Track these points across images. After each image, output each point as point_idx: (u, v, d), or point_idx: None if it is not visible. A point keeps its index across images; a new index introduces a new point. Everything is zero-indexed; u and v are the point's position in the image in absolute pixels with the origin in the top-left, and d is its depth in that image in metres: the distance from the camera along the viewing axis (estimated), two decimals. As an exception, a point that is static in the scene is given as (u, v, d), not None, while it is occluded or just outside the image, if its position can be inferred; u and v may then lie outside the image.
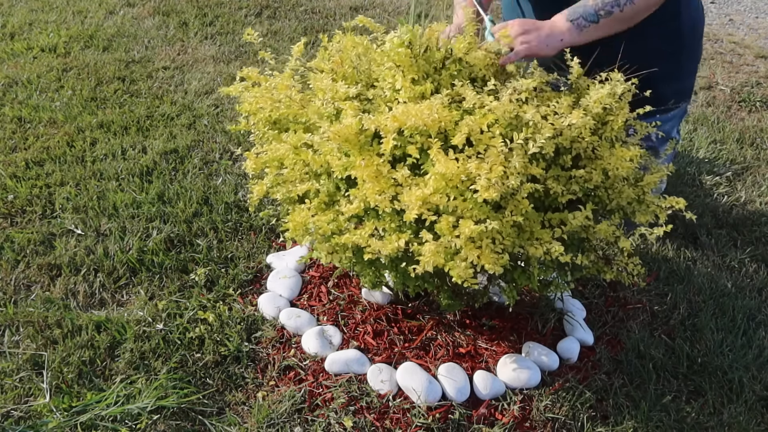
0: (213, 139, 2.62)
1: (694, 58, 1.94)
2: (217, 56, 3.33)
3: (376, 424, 1.53)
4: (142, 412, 1.53)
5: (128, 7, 3.91)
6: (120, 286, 1.91)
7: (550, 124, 1.33)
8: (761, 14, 4.24)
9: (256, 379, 1.65)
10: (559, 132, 1.35)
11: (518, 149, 1.31)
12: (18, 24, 3.64)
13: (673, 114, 1.88)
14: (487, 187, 1.24)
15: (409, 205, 1.29)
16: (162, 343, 1.71)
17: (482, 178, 1.25)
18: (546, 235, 1.36)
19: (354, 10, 4.04)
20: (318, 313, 1.82)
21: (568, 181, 1.40)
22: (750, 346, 1.76)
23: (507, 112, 1.33)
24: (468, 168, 1.27)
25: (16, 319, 1.77)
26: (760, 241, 2.18)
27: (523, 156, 1.30)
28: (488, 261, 1.27)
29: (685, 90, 1.92)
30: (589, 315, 1.85)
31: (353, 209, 1.35)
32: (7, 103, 2.82)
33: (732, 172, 2.52)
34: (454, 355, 1.70)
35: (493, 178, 1.25)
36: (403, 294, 1.84)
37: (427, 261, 1.28)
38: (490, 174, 1.25)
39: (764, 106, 3.05)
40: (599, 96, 1.39)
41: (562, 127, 1.35)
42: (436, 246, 1.27)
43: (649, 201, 1.45)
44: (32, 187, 2.29)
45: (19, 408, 1.54)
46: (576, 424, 1.55)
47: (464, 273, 1.28)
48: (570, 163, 1.40)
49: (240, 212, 2.20)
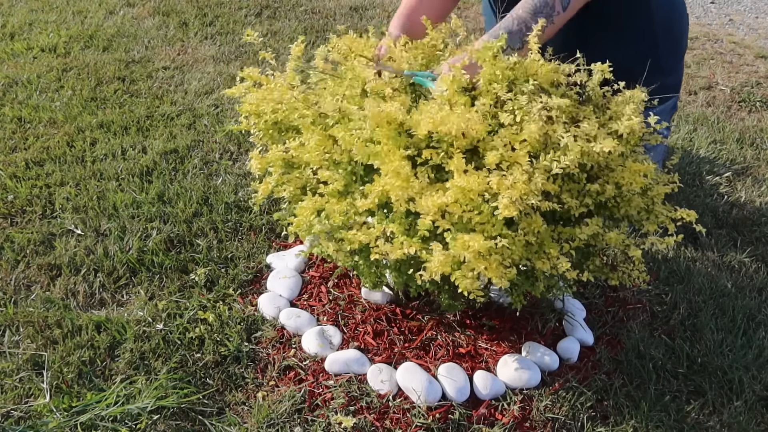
0: (213, 139, 2.62)
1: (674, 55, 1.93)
2: (217, 56, 3.33)
3: (376, 424, 1.53)
4: (142, 412, 1.53)
5: (128, 7, 3.91)
6: (120, 286, 1.91)
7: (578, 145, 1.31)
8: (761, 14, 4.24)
9: (256, 379, 1.65)
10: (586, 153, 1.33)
11: (541, 169, 1.30)
12: (18, 24, 3.64)
13: (660, 109, 1.87)
14: (508, 205, 1.23)
15: (425, 210, 1.28)
16: (162, 343, 1.71)
17: (505, 198, 1.23)
18: (554, 250, 1.35)
19: (354, 10, 4.04)
20: (318, 313, 1.82)
21: (580, 194, 1.40)
22: (750, 346, 1.76)
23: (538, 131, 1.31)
24: (489, 183, 1.26)
25: (16, 319, 1.77)
26: (760, 241, 2.18)
27: (545, 175, 1.29)
28: (495, 275, 1.26)
29: (668, 86, 1.91)
30: (589, 315, 1.85)
31: (368, 204, 1.34)
32: (7, 103, 2.82)
33: (732, 172, 2.52)
34: (454, 355, 1.70)
35: (515, 196, 1.24)
36: (403, 294, 1.84)
37: (434, 270, 1.27)
38: (513, 192, 1.24)
39: (764, 106, 3.05)
40: (632, 123, 1.37)
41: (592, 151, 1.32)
42: (445, 257, 1.27)
43: (658, 211, 1.45)
44: (32, 187, 2.29)
45: (19, 408, 1.54)
46: (576, 424, 1.55)
47: (470, 285, 1.27)
48: (585, 178, 1.39)
49: (240, 212, 2.20)
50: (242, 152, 2.56)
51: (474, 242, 1.24)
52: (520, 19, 1.54)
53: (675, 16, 1.91)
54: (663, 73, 1.85)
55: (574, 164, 1.29)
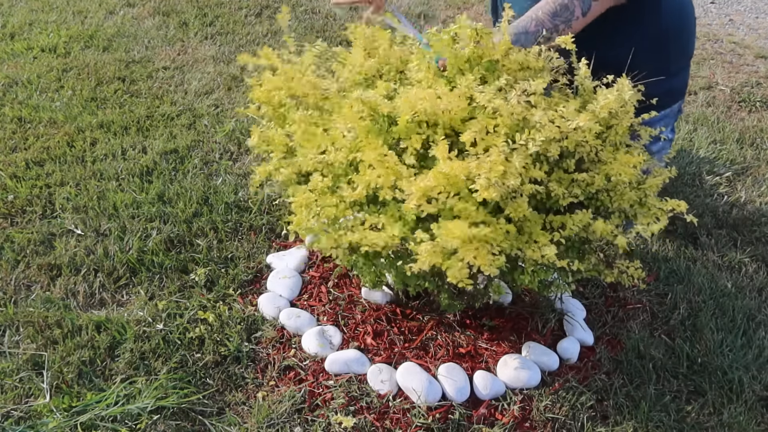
0: (213, 139, 2.62)
1: (681, 58, 1.93)
2: (217, 56, 3.33)
3: (376, 424, 1.53)
4: (142, 412, 1.53)
5: (128, 7, 3.91)
6: (120, 286, 1.91)
7: (556, 126, 1.33)
8: (761, 14, 4.24)
9: (256, 379, 1.65)
10: (565, 135, 1.35)
11: (520, 150, 1.31)
12: (18, 24, 3.64)
13: (665, 113, 1.87)
14: (486, 187, 1.24)
15: (410, 195, 1.29)
16: (162, 343, 1.71)
17: (482, 178, 1.24)
18: (544, 238, 1.35)
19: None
20: (318, 313, 1.82)
21: (570, 184, 1.40)
22: (750, 346, 1.76)
23: (515, 114, 1.32)
24: (469, 167, 1.27)
25: (16, 319, 1.77)
26: (760, 241, 2.18)
27: (525, 156, 1.30)
28: (484, 262, 1.27)
29: (674, 89, 1.92)
30: (589, 315, 1.85)
31: (356, 195, 1.35)
32: (7, 103, 2.82)
33: (732, 172, 2.52)
34: (454, 355, 1.70)
35: (493, 177, 1.25)
36: (403, 294, 1.84)
37: (424, 261, 1.28)
38: (490, 173, 1.25)
39: (764, 106, 3.05)
40: (607, 102, 1.38)
41: (568, 130, 1.34)
42: (432, 246, 1.27)
43: (651, 204, 1.45)
44: (32, 187, 2.29)
45: (19, 408, 1.54)
46: (576, 424, 1.55)
47: (460, 274, 1.28)
48: (573, 167, 1.40)
49: (240, 212, 2.20)
50: (242, 152, 2.56)
51: (457, 229, 1.24)
52: (538, 20, 1.55)
53: (684, 20, 1.91)
54: (669, 77, 1.86)
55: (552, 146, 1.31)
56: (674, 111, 1.96)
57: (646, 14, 1.75)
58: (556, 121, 1.35)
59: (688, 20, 1.94)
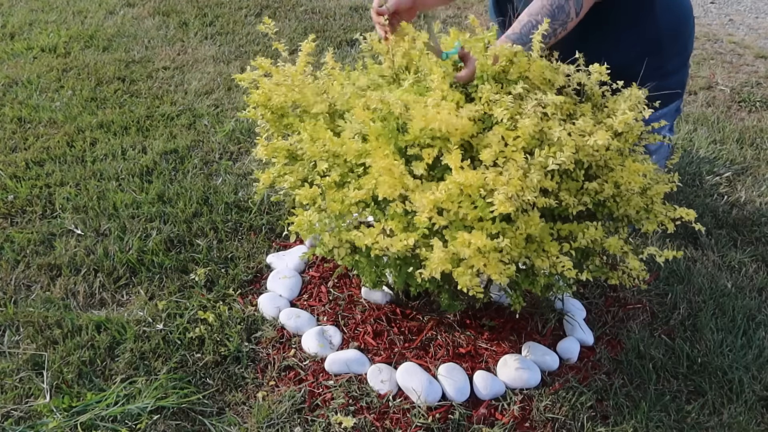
0: (213, 139, 2.62)
1: (678, 57, 1.93)
2: (217, 56, 3.33)
3: (376, 424, 1.53)
4: (142, 412, 1.53)
5: (128, 7, 3.91)
6: (120, 286, 1.91)
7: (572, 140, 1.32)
8: (761, 14, 4.24)
9: (256, 379, 1.65)
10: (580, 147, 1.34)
11: (537, 165, 1.30)
12: (18, 24, 3.64)
13: (662, 113, 1.87)
14: (503, 201, 1.23)
15: (420, 208, 1.29)
16: (162, 343, 1.71)
17: (500, 193, 1.24)
18: (554, 249, 1.35)
19: (354, 10, 4.04)
20: (318, 313, 1.82)
21: (578, 193, 1.40)
22: (750, 346, 1.76)
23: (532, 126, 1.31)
24: (486, 179, 1.27)
25: (16, 319, 1.77)
26: (760, 241, 2.18)
27: (541, 171, 1.30)
28: (494, 271, 1.26)
29: (671, 88, 1.91)
30: (589, 315, 1.85)
31: (361, 195, 1.35)
32: (7, 103, 2.82)
33: (732, 172, 2.52)
34: (454, 355, 1.70)
35: (511, 192, 1.24)
36: (403, 294, 1.84)
37: (434, 267, 1.27)
38: (508, 188, 1.24)
39: (764, 106, 3.05)
40: (625, 117, 1.37)
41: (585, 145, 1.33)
42: (445, 253, 1.27)
43: (657, 211, 1.45)
44: (32, 187, 2.29)
45: (19, 408, 1.54)
46: (576, 424, 1.55)
47: (470, 281, 1.28)
48: (583, 176, 1.40)
49: (240, 212, 2.20)
50: (242, 152, 2.56)
51: (476, 240, 1.24)
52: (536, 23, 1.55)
53: (681, 19, 1.91)
54: (666, 75, 1.86)
55: (570, 160, 1.30)
56: (672, 110, 1.96)
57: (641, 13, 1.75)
58: (573, 135, 1.34)
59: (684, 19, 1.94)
